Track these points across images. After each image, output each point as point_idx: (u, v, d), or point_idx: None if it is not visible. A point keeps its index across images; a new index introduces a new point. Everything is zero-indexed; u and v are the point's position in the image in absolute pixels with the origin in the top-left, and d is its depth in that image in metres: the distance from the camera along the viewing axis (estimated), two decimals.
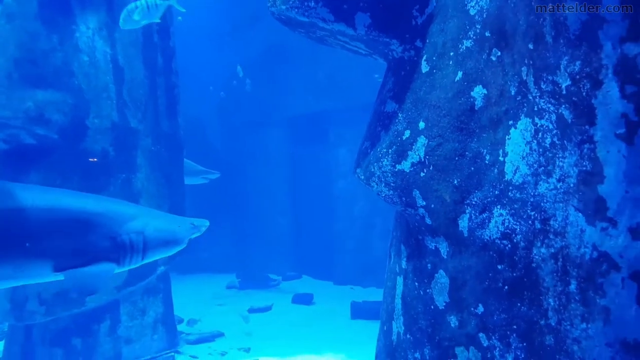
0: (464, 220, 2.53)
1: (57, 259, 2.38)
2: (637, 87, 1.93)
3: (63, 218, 2.44)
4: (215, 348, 7.70)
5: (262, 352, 7.52)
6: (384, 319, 3.16)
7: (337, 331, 8.52)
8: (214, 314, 9.67)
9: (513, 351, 2.32)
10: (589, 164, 2.08)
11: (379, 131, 2.99)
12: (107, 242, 2.49)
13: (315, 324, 9.04)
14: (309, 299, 10.49)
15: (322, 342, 7.92)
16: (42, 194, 2.55)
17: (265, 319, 9.41)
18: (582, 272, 2.09)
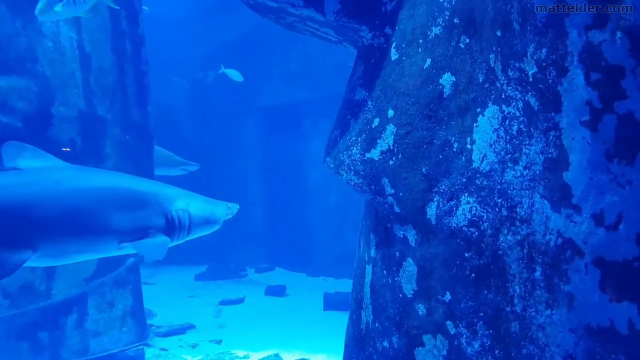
0: (432, 208, 2.52)
1: (122, 234, 2.66)
2: (602, 74, 1.94)
3: (125, 197, 2.72)
4: (186, 340, 7.62)
5: (234, 344, 7.48)
6: (353, 308, 3.15)
7: (309, 322, 8.53)
8: (185, 306, 9.56)
9: (480, 338, 2.33)
10: (554, 151, 2.09)
11: (348, 119, 2.96)
12: (161, 219, 2.77)
13: (288, 315, 9.03)
14: (281, 290, 10.47)
15: (295, 334, 7.92)
16: (106, 176, 2.89)
17: (237, 311, 9.35)
18: (547, 258, 2.10)
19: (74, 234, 2.59)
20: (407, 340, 2.63)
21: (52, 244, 2.54)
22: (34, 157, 2.66)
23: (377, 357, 2.81)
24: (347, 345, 3.17)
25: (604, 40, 1.92)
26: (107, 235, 2.66)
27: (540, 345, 2.12)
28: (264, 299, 10.25)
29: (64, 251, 2.62)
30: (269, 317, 8.93)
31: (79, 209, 2.57)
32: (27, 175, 2.59)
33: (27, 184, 2.52)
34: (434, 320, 2.51)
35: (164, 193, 2.88)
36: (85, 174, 2.72)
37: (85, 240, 2.65)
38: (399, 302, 2.71)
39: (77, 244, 2.63)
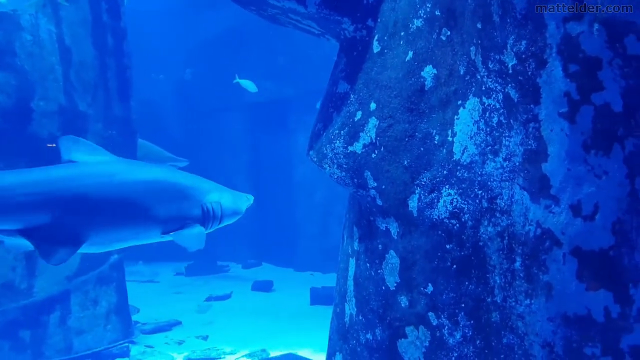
0: (414, 201, 2.53)
1: (164, 224, 2.88)
2: (579, 66, 1.96)
3: (168, 189, 2.93)
4: (173, 337, 7.57)
5: (221, 339, 7.45)
6: (337, 301, 3.15)
7: (296, 317, 8.53)
8: (172, 302, 9.51)
9: (461, 329, 2.35)
10: (534, 142, 2.10)
11: (331, 112, 2.95)
12: (197, 210, 2.97)
13: (275, 310, 9.02)
14: (268, 286, 10.46)
15: (282, 329, 7.92)
16: (151, 169, 3.09)
17: (224, 307, 9.31)
18: (527, 249, 2.12)
19: (124, 225, 2.81)
20: (390, 332, 2.64)
21: (103, 233, 2.75)
22: (88, 151, 2.90)
23: (361, 349, 2.82)
24: (331, 338, 3.17)
25: (582, 32, 1.94)
26: (152, 225, 2.87)
27: (519, 334, 2.14)
28: (251, 295, 10.23)
29: (111, 240, 2.85)
30: (255, 313, 8.91)
31: (130, 201, 2.78)
32: (83, 168, 2.80)
33: (84, 176, 2.72)
34: (416, 311, 2.52)
35: (200, 186, 3.10)
36: (134, 167, 2.94)
37: (133, 230, 2.87)
38: (382, 295, 2.72)
39: (124, 234, 2.85)
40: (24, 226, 2.52)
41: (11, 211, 2.51)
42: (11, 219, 2.51)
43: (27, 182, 2.61)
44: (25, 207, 2.53)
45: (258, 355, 6.82)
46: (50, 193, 2.57)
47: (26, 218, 2.53)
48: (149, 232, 2.89)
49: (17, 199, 2.50)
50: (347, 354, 2.93)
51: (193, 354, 6.88)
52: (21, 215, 2.52)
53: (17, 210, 2.52)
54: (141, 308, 8.71)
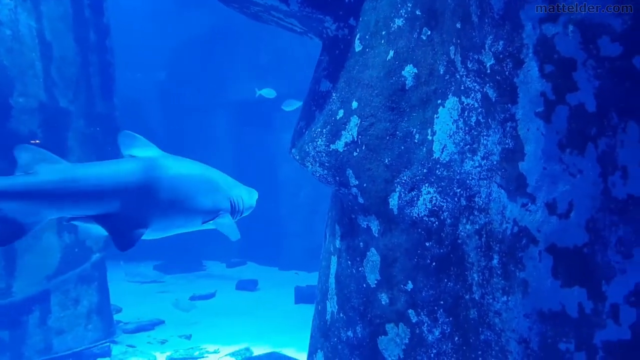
0: (394, 199, 2.55)
1: (205, 214, 3.17)
2: (555, 66, 2.00)
3: (208, 182, 3.23)
4: (155, 336, 7.52)
5: (204, 339, 7.42)
6: (319, 299, 3.16)
7: (280, 316, 8.53)
8: (155, 301, 9.43)
9: (440, 326, 2.38)
10: (511, 141, 2.13)
11: (313, 110, 2.96)
12: (227, 203, 3.26)
13: (259, 309, 9.00)
14: (253, 285, 10.43)
15: (266, 328, 7.91)
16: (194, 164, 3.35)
17: (208, 306, 9.27)
18: (504, 246, 2.15)
19: (176, 213, 3.10)
20: (371, 329, 2.66)
21: (161, 221, 3.04)
22: (144, 146, 3.19)
23: (342, 347, 2.84)
24: (313, 336, 3.19)
25: (557, 33, 1.97)
26: (197, 214, 3.16)
27: (496, 330, 2.17)
28: (235, 294, 10.19)
29: (166, 227, 3.13)
30: (240, 312, 8.89)
31: (181, 192, 3.08)
32: (144, 163, 3.08)
33: (146, 170, 3.00)
34: (397, 309, 2.55)
35: (227, 181, 3.41)
36: (180, 162, 3.20)
37: (183, 219, 3.14)
38: (363, 292, 2.73)
39: (177, 222, 3.14)
40: (98, 213, 2.79)
41: (87, 199, 2.78)
42: (87, 207, 2.79)
43: (100, 173, 2.89)
44: (99, 195, 2.80)
45: (242, 354, 6.80)
46: (120, 184, 2.86)
47: (100, 206, 2.80)
48: (193, 220, 3.18)
49: (93, 189, 2.78)
50: (328, 351, 2.94)
51: (176, 353, 6.84)
52: (95, 203, 2.80)
53: (92, 198, 2.79)
54: (124, 307, 8.63)
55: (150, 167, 3.01)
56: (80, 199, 2.76)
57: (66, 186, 2.73)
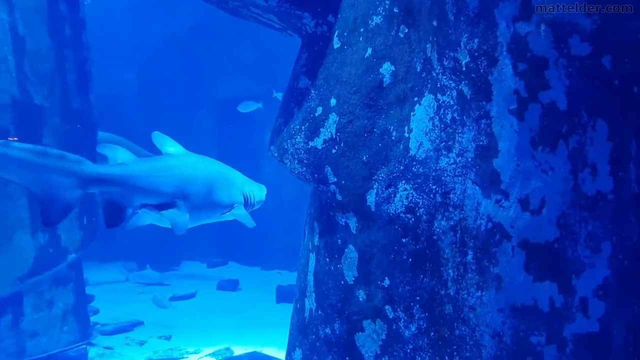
0: (372, 196, 2.57)
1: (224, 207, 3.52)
2: (528, 64, 2.03)
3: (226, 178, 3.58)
4: (134, 337, 7.43)
5: (184, 339, 7.35)
6: (297, 297, 3.16)
7: (262, 316, 8.50)
8: (134, 302, 9.32)
9: (416, 321, 2.40)
10: (485, 138, 2.16)
11: (292, 107, 2.96)
12: (241, 197, 3.59)
13: (240, 309, 8.96)
14: (234, 284, 10.38)
15: (247, 327, 7.87)
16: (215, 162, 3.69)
17: (188, 306, 9.19)
18: (478, 242, 2.18)
19: (205, 206, 3.41)
20: (348, 326, 2.67)
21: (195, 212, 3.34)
22: (173, 145, 3.53)
23: (320, 344, 2.84)
24: (291, 334, 3.18)
25: (530, 32, 2.01)
26: (219, 207, 3.51)
27: (471, 325, 2.20)
28: (216, 294, 10.13)
29: (197, 218, 3.40)
30: (220, 312, 8.83)
31: (209, 186, 3.42)
32: (182, 159, 3.42)
33: (185, 166, 3.36)
34: (374, 305, 2.56)
35: (240, 177, 3.74)
36: (205, 159, 3.51)
37: (209, 211, 3.46)
38: (341, 289, 2.74)
39: (205, 213, 3.45)
40: (157, 202, 3.17)
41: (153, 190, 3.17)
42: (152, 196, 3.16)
43: (159, 167, 3.25)
44: (159, 188, 3.17)
45: (222, 354, 6.76)
46: (171, 177, 3.24)
47: (158, 197, 3.16)
48: (216, 212, 3.51)
49: (157, 181, 3.17)
50: (306, 348, 2.94)
51: (155, 354, 6.76)
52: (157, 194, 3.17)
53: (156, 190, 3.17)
54: (102, 308, 8.51)
55: (186, 164, 3.36)
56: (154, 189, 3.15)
57: (148, 177, 3.12)
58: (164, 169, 3.23)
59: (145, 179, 3.08)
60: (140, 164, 3.11)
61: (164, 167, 3.25)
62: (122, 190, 2.96)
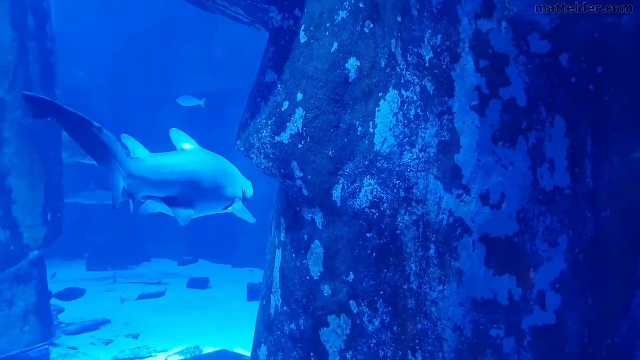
0: (338, 191, 2.56)
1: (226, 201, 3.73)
2: (489, 61, 2.06)
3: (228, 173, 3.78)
4: (100, 337, 7.27)
5: (152, 338, 7.24)
6: (264, 293, 3.14)
7: (232, 314, 8.44)
8: (101, 300, 9.13)
9: (380, 316, 2.41)
10: (447, 134, 2.19)
11: (259, 102, 2.94)
12: (239, 192, 3.77)
13: (211, 307, 8.87)
14: (204, 283, 10.27)
15: (217, 326, 7.80)
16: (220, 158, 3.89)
17: (157, 305, 9.05)
18: (440, 237, 2.20)
19: (212, 199, 3.65)
20: (313, 321, 2.67)
21: (202, 204, 3.55)
22: (188, 141, 3.72)
23: (285, 340, 2.83)
24: (257, 330, 3.16)
25: (492, 29, 2.03)
26: (224, 201, 3.71)
27: (433, 319, 2.22)
28: (187, 292, 10.00)
29: (203, 210, 3.61)
30: (190, 310, 8.73)
31: (216, 181, 3.64)
32: (192, 156, 3.63)
33: (194, 162, 3.57)
34: (339, 300, 2.56)
35: (237, 172, 3.96)
36: (212, 156, 3.73)
37: (215, 203, 3.67)
38: (307, 285, 2.73)
39: (210, 205, 3.67)
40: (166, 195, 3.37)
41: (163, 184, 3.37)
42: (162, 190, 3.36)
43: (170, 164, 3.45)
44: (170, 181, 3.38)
45: (191, 353, 6.68)
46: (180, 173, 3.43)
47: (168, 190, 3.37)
48: (219, 206, 3.71)
49: (167, 176, 3.36)
50: (271, 345, 2.93)
51: (121, 354, 6.64)
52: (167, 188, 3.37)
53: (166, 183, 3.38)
54: (67, 307, 8.31)
55: (196, 160, 3.60)
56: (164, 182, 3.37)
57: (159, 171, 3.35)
58: (175, 165, 3.45)
59: (155, 174, 3.30)
60: (153, 160, 3.34)
61: (174, 163, 3.47)
62: (133, 183, 3.18)
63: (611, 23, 1.94)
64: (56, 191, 6.10)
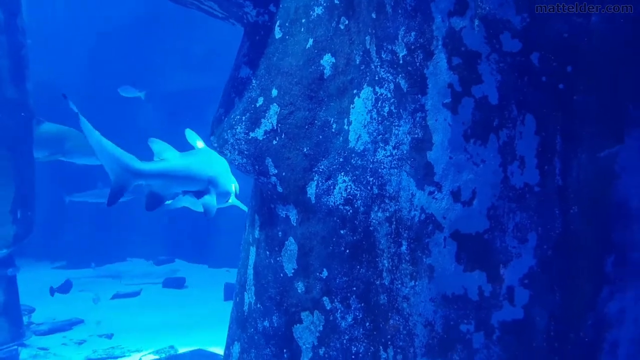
0: (312, 188, 2.56)
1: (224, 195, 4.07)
2: (462, 59, 2.08)
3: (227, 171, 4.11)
4: (72, 337, 7.13)
5: (126, 338, 7.12)
6: (237, 291, 3.12)
7: (209, 313, 8.35)
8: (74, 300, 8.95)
9: (352, 312, 2.41)
10: (420, 131, 2.20)
11: (233, 97, 2.91)
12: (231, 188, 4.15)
13: (186, 307, 8.77)
14: (180, 282, 10.16)
15: (193, 325, 7.71)
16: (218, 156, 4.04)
17: (132, 304, 8.92)
18: (412, 233, 2.21)
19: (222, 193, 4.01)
20: (287, 318, 2.65)
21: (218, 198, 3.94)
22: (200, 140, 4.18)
23: (258, 337, 2.81)
24: (231, 328, 3.13)
25: (464, 26, 2.05)
26: (227, 194, 4.08)
27: (405, 315, 2.23)
28: (162, 292, 9.88)
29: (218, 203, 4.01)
30: (166, 310, 8.62)
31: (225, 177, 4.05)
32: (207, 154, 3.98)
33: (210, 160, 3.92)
34: (312, 297, 2.55)
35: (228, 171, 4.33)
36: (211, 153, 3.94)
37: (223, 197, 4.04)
38: (280, 282, 2.72)
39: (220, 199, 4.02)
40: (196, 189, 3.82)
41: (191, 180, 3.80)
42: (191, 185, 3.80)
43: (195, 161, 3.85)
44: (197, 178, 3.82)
45: (166, 352, 6.59)
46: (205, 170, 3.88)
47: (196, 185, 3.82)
48: (225, 199, 4.09)
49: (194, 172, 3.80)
50: (244, 342, 2.90)
51: (94, 353, 6.51)
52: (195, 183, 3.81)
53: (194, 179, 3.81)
54: (38, 307, 8.12)
55: (210, 158, 3.95)
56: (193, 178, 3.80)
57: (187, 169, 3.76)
58: (199, 162, 3.87)
59: (184, 171, 3.74)
60: (180, 160, 3.75)
61: (199, 160, 3.89)
62: (162, 183, 3.60)
63: (580, 23, 1.97)
64: (27, 189, 5.95)
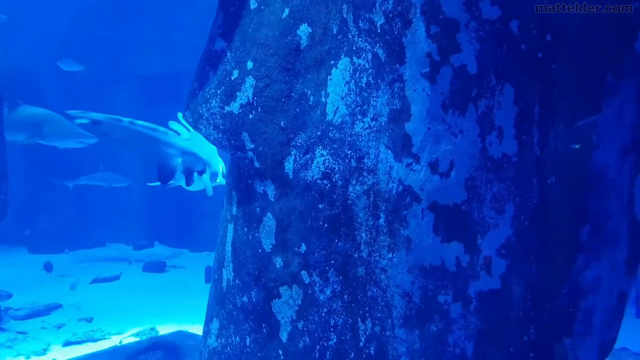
0: (290, 162, 2.52)
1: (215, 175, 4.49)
2: (440, 27, 2.04)
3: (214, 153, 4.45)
4: (51, 321, 7.04)
5: (106, 321, 7.05)
6: (215, 268, 3.08)
7: (190, 296, 8.31)
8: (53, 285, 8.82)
9: (331, 285, 2.39)
10: (398, 102, 2.17)
11: (207, 71, 2.83)
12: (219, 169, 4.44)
13: (167, 290, 8.72)
14: (161, 266, 10.08)
15: (173, 308, 7.67)
16: None
17: (111, 288, 8.83)
18: (390, 205, 2.19)
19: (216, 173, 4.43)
20: (265, 293, 2.63)
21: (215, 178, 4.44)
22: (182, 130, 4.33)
23: (237, 313, 2.79)
24: (209, 305, 3.10)
25: None
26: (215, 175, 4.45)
27: (382, 287, 2.22)
28: (142, 276, 9.79)
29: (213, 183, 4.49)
30: (146, 293, 8.56)
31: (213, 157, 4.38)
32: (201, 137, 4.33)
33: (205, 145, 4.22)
34: (290, 271, 2.53)
35: None
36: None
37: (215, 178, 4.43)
38: (258, 257, 2.69)
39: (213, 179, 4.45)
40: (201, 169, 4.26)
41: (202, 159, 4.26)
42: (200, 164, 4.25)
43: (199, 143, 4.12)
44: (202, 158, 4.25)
45: (146, 334, 6.55)
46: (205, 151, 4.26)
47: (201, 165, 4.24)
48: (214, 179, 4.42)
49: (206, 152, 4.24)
50: (223, 318, 2.88)
51: (74, 336, 6.44)
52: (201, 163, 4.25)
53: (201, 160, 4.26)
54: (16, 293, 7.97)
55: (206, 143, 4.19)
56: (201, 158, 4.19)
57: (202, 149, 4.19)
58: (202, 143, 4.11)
59: (202, 150, 4.11)
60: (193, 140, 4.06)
61: (201, 142, 4.08)
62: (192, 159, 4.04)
63: None
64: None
